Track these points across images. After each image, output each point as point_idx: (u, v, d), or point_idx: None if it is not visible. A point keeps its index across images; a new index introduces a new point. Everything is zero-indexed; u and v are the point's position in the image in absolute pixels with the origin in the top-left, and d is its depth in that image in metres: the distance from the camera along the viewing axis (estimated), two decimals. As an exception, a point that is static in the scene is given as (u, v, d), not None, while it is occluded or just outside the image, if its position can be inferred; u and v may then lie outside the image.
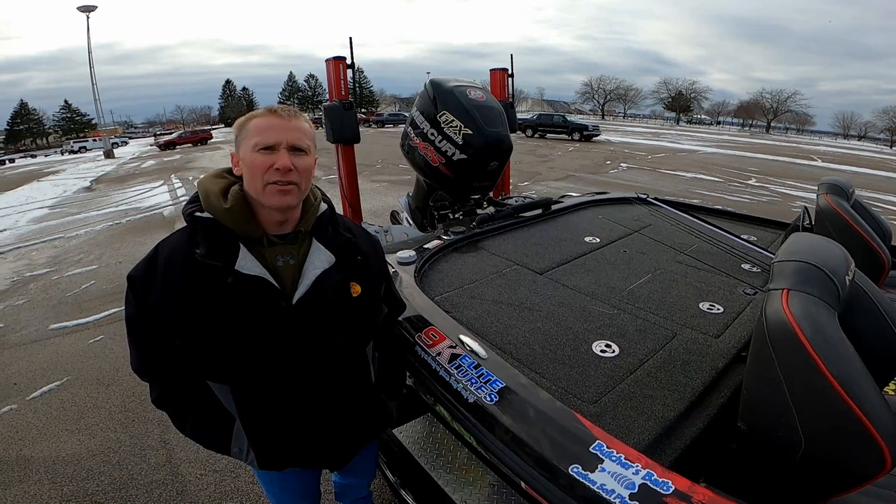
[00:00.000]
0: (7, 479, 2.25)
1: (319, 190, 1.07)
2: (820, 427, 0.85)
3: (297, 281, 0.97)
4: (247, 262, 0.91)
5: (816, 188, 2.07)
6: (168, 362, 0.97)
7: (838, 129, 56.19)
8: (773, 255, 1.94)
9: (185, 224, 0.96)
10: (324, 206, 1.05)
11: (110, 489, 2.16)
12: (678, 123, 58.83)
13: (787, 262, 0.98)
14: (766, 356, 0.91)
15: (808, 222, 2.11)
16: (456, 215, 2.65)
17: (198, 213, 0.94)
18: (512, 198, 3.02)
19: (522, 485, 0.93)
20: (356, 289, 1.04)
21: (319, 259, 0.99)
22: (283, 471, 1.12)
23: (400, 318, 1.32)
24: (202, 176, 1.02)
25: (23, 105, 59.93)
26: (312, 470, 1.28)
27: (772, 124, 57.35)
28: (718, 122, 62.90)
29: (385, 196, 8.14)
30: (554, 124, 23.61)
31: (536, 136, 23.30)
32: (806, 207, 2.15)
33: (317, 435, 1.07)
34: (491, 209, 2.63)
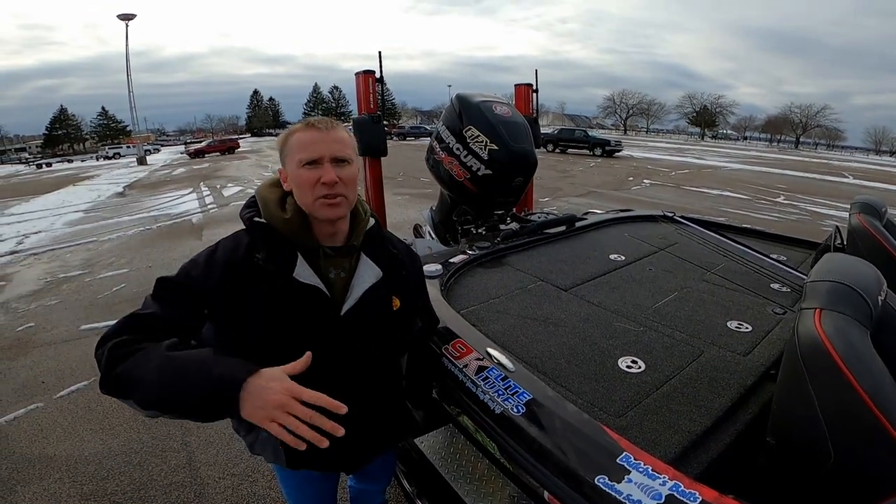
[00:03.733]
0: (28, 477, 2.31)
1: (368, 205, 1.10)
2: (850, 441, 0.86)
3: (346, 293, 1.00)
4: (303, 271, 0.95)
5: (849, 207, 2.03)
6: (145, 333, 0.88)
7: (870, 145, 54.72)
8: (803, 274, 1.91)
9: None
10: (371, 221, 1.08)
11: (129, 489, 2.20)
12: (703, 139, 57.99)
13: (820, 282, 1.00)
14: (797, 373, 0.92)
15: (839, 242, 2.07)
16: (479, 230, 2.66)
17: (257, 219, 0.98)
18: (535, 214, 3.02)
19: (546, 495, 0.93)
20: (396, 303, 1.08)
21: (368, 273, 1.03)
22: (304, 474, 1.14)
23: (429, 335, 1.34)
24: (260, 184, 1.06)
25: (62, 110, 62.60)
26: (333, 475, 1.30)
27: (801, 139, 56.12)
28: (745, 138, 61.82)
29: (406, 209, 8.21)
30: (575, 139, 23.48)
31: (557, 151, 23.23)
32: (837, 227, 2.11)
33: (345, 438, 1.08)
34: (515, 225, 2.63)
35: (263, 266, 0.93)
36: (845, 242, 2.02)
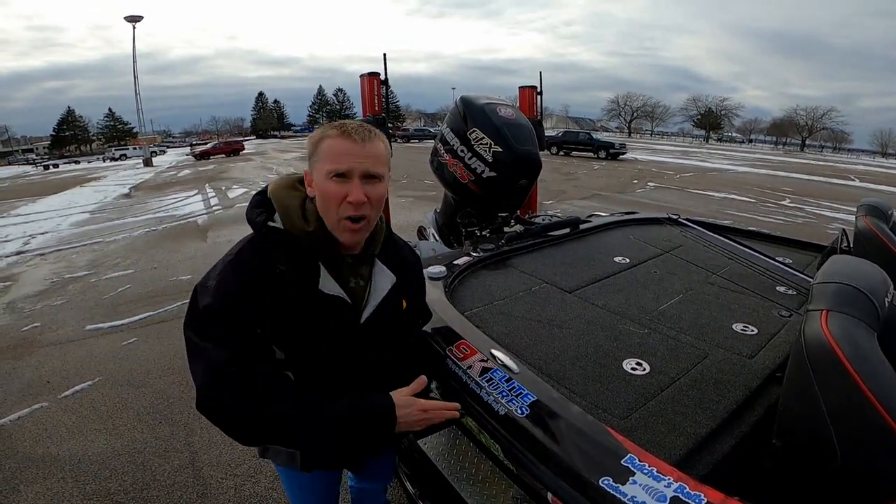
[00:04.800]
0: (31, 476, 2.32)
1: None
2: (857, 442, 0.86)
3: (363, 301, 1.00)
4: (328, 282, 0.94)
5: (855, 210, 2.02)
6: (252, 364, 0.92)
7: (876, 147, 54.44)
8: (810, 277, 1.90)
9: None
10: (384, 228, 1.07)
11: (132, 489, 2.20)
12: (707, 141, 57.85)
13: (826, 283, 0.99)
14: (803, 374, 0.91)
15: (845, 245, 2.05)
16: (483, 232, 2.66)
17: (271, 224, 0.93)
18: (539, 216, 3.01)
19: (549, 497, 0.93)
20: (404, 303, 1.09)
21: (384, 280, 1.03)
22: (311, 473, 1.15)
23: (431, 331, 1.35)
24: (273, 185, 1.00)
25: (69, 112, 63.11)
26: (337, 473, 1.31)
27: (806, 142, 55.89)
28: (750, 140, 61.66)
29: (410, 212, 8.21)
30: (579, 142, 23.46)
31: (561, 153, 23.22)
32: (844, 230, 2.10)
33: None
34: (519, 227, 2.63)
35: (287, 278, 0.90)
36: (852, 245, 2.01)
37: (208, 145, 36.31)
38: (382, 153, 0.93)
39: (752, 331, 1.55)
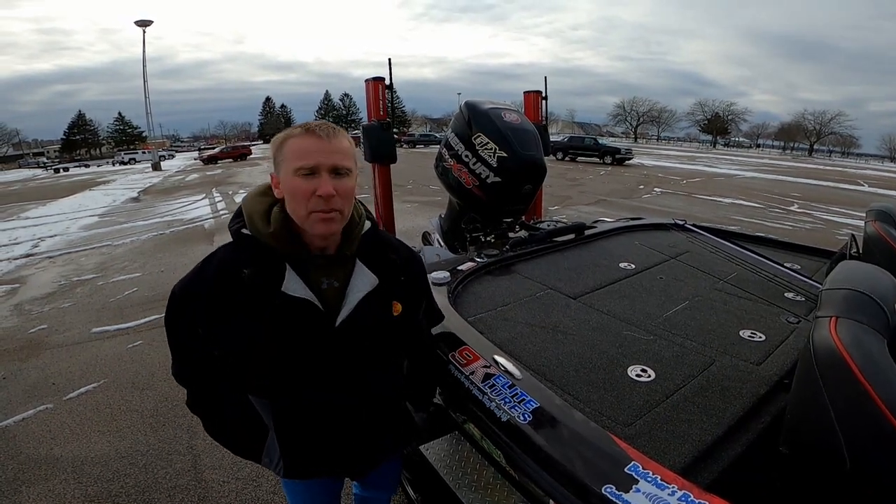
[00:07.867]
0: (33, 477, 2.33)
1: (364, 207, 1.05)
2: (866, 450, 0.86)
3: (340, 302, 0.97)
4: (293, 284, 0.92)
5: (864, 215, 2.00)
6: (203, 372, 1.02)
7: (885, 152, 53.93)
8: (818, 283, 1.88)
9: (225, 238, 1.00)
10: (367, 225, 1.03)
11: (134, 491, 2.20)
12: (714, 146, 57.62)
13: (835, 290, 0.98)
14: (812, 381, 0.91)
15: (855, 250, 2.03)
16: (488, 238, 2.65)
17: (244, 231, 0.94)
18: (544, 222, 3.00)
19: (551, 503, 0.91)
20: (397, 308, 1.05)
21: (363, 282, 0.99)
22: (308, 480, 1.14)
23: (434, 337, 1.33)
24: (247, 193, 1.01)
25: (80, 115, 63.80)
26: (337, 481, 1.30)
27: (815, 147, 55.52)
28: (758, 145, 61.30)
29: (415, 217, 8.20)
30: (585, 147, 23.46)
31: (567, 158, 23.19)
32: (853, 235, 2.07)
33: (345, 446, 1.09)
34: (523, 233, 2.62)
35: (251, 282, 0.90)
36: (861, 251, 1.99)
37: (216, 150, 36.68)
38: (348, 148, 0.93)
39: (760, 337, 1.53)
